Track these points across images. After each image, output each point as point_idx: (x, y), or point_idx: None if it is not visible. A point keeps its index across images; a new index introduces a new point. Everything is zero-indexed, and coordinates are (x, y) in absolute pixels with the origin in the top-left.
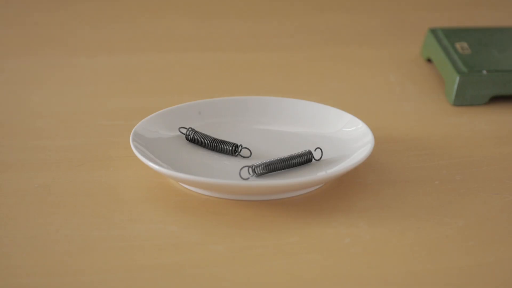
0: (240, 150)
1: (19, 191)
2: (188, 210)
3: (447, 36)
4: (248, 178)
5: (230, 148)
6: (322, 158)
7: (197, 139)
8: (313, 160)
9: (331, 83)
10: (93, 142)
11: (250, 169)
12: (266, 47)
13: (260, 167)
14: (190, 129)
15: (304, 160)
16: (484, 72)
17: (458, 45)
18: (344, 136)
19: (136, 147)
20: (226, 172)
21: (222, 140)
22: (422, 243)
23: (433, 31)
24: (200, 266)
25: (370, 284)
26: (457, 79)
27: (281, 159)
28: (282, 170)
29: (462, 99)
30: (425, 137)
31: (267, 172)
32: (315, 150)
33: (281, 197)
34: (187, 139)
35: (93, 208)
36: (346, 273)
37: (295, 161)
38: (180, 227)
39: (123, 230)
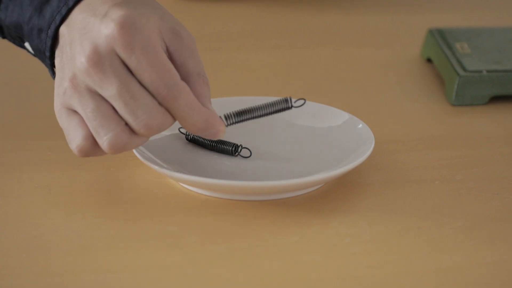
0: (240, 150)
1: (19, 191)
2: (188, 210)
3: (447, 36)
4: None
5: (230, 148)
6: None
7: (197, 139)
8: (292, 107)
9: (331, 83)
10: None
11: (223, 116)
12: (266, 47)
13: (233, 115)
14: None
15: (279, 108)
16: (484, 72)
17: (458, 45)
18: (344, 136)
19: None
20: (226, 172)
21: (222, 140)
22: (422, 243)
23: (433, 31)
24: (200, 266)
25: (370, 284)
26: (457, 79)
27: (255, 107)
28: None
29: (462, 99)
30: (425, 137)
31: (241, 121)
32: (296, 100)
33: (281, 197)
34: (187, 139)
35: (93, 208)
36: (346, 273)
37: (270, 109)
38: (180, 227)
39: (123, 230)
